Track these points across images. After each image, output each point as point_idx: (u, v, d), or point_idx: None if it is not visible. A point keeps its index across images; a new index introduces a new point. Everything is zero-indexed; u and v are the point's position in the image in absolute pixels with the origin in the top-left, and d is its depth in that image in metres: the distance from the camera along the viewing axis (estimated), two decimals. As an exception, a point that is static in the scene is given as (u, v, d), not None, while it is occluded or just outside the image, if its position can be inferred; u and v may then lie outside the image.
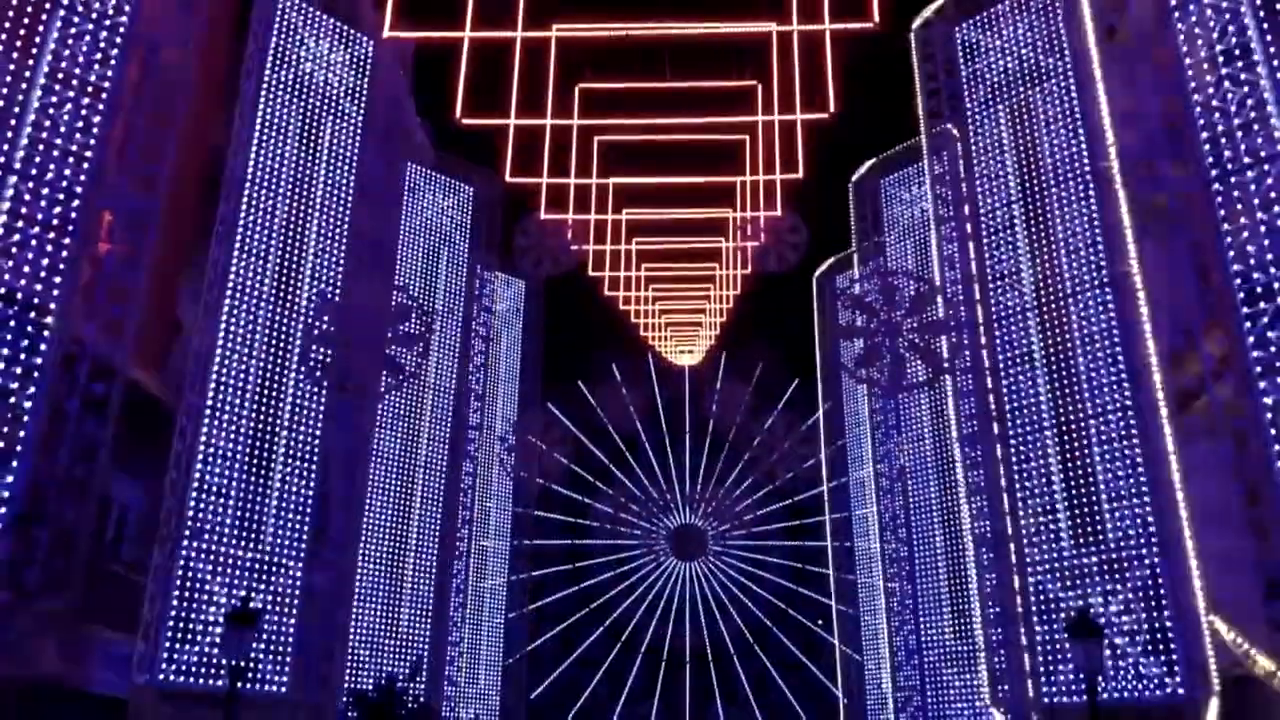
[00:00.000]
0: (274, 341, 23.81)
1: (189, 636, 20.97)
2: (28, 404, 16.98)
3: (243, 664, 17.93)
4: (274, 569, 22.62)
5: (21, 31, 18.01)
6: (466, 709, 35.46)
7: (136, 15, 19.63)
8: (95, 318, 18.44)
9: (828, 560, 42.84)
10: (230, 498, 22.32)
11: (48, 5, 18.41)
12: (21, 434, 16.78)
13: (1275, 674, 17.40)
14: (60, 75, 18.42)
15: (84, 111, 18.54)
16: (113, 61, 19.11)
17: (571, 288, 40.60)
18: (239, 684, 17.15)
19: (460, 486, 33.59)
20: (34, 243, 17.54)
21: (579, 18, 28.64)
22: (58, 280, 17.66)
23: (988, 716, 27.59)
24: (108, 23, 19.20)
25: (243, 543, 22.24)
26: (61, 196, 17.96)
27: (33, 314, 17.31)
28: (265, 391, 23.45)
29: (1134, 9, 21.47)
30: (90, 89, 18.70)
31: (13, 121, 17.67)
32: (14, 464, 16.64)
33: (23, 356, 17.08)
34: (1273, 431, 17.79)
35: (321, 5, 26.79)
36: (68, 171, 18.14)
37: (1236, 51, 19.57)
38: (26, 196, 17.58)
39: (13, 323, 17.08)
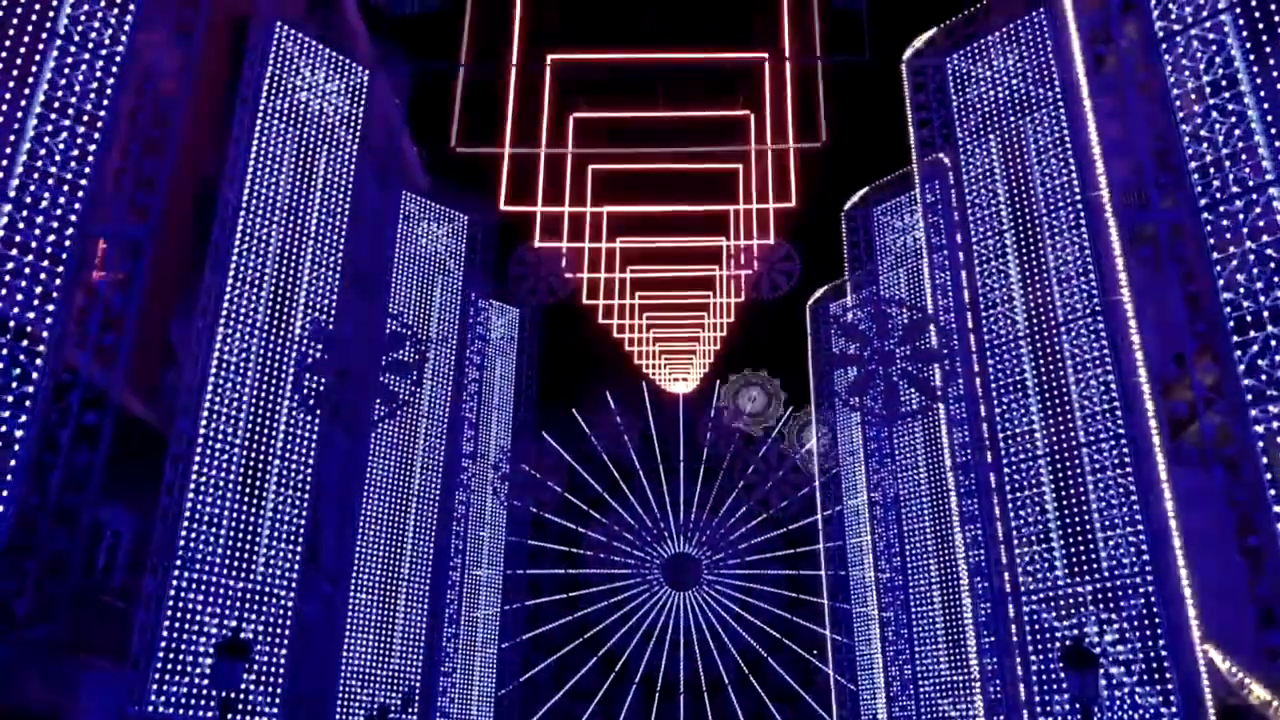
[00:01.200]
0: (267, 369, 23.79)
1: (179, 667, 20.78)
2: (19, 433, 16.94)
3: (233, 695, 17.84)
4: (265, 599, 22.47)
5: (18, 61, 18.14)
6: (459, 740, 35.18)
7: (133, 45, 19.75)
8: (88, 345, 18.43)
9: (822, 589, 42.73)
10: (222, 526, 22.22)
11: (44, 35, 18.54)
12: (12, 463, 16.72)
13: (1270, 704, 17.33)
14: (56, 104, 18.52)
15: (79, 140, 18.63)
16: (109, 90, 19.22)
17: (566, 316, 40.74)
18: (229, 715, 17.06)
19: (454, 515, 33.47)
20: (27, 270, 17.55)
21: (573, 47, 28.92)
22: (50, 308, 17.66)
23: (983, 747, 27.41)
24: (104, 52, 19.32)
25: (234, 572, 22.11)
26: (55, 224, 17.99)
27: (25, 341, 17.31)
28: (258, 419, 23.42)
29: (1122, 40, 21.72)
30: (86, 118, 18.80)
31: (8, 149, 17.75)
32: (4, 493, 16.58)
33: (14, 385, 17.05)
34: (1264, 459, 17.84)
35: (317, 35, 26.98)
36: (62, 199, 18.18)
37: (1224, 82, 19.80)
38: (20, 224, 17.63)
39: (4, 350, 17.07)
